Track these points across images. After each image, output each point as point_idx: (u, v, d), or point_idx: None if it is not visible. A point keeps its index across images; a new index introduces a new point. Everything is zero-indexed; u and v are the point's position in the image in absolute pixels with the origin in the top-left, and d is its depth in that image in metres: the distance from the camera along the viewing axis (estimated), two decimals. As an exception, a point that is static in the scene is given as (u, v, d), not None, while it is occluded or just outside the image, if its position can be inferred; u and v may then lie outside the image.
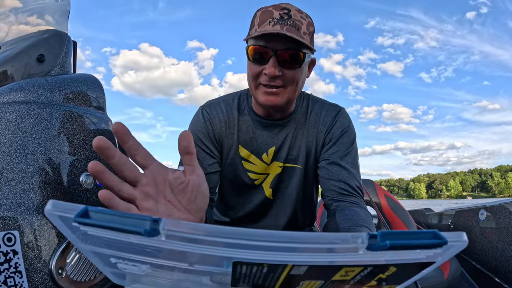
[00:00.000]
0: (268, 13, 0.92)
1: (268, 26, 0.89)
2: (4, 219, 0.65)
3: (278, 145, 1.07)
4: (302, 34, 0.90)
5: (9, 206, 0.66)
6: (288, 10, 0.92)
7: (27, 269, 0.66)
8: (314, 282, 0.32)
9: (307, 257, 0.26)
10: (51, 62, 0.88)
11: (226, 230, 0.24)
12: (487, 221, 1.93)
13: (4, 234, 0.64)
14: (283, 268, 0.28)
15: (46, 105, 0.76)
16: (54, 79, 0.83)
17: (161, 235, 0.25)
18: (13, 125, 0.71)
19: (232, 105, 1.10)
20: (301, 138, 1.08)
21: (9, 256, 0.64)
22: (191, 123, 1.11)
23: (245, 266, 0.28)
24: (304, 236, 0.24)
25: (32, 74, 0.84)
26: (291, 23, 0.90)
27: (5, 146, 0.69)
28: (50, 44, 0.89)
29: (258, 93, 0.96)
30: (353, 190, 0.98)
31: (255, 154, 1.08)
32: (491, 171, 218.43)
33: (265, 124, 1.07)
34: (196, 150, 1.06)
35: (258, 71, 0.94)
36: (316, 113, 1.09)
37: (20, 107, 0.73)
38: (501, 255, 1.79)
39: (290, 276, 0.31)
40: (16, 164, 0.69)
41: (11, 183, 0.68)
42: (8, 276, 0.64)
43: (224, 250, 0.26)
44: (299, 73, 0.95)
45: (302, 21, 0.92)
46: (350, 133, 1.07)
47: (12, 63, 0.84)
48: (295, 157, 1.09)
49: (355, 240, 0.25)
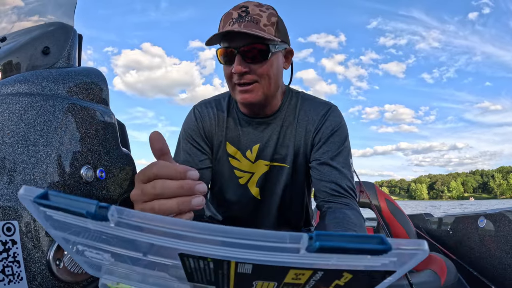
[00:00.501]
0: (228, 15, 0.94)
1: (228, 27, 0.91)
2: (4, 209, 0.66)
3: (262, 142, 1.07)
4: (262, 27, 0.90)
5: (10, 196, 0.67)
6: (246, 7, 0.93)
7: (25, 259, 0.67)
8: (267, 283, 0.32)
9: (249, 254, 0.26)
10: (56, 55, 0.88)
11: (172, 221, 0.25)
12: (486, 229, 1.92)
13: (3, 223, 0.65)
14: (228, 264, 0.29)
15: (49, 97, 0.77)
16: (58, 71, 0.83)
17: (110, 221, 0.26)
18: (16, 116, 0.72)
19: (222, 104, 1.12)
20: (289, 137, 1.07)
21: (8, 246, 0.65)
22: (184, 122, 1.14)
23: (192, 260, 0.29)
24: (245, 232, 0.25)
25: (37, 66, 0.85)
26: (249, 19, 0.91)
27: (8, 136, 0.70)
28: (55, 37, 0.90)
29: (236, 93, 0.98)
30: (345, 191, 0.97)
31: (241, 151, 1.09)
32: (492, 172, 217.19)
33: (249, 122, 1.07)
34: (188, 147, 1.06)
35: (229, 72, 0.95)
36: (306, 111, 1.08)
37: (24, 99, 0.73)
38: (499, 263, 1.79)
39: (240, 275, 0.31)
40: (17, 155, 0.70)
41: (12, 173, 0.68)
42: (6, 265, 0.65)
43: (170, 241, 0.26)
44: (268, 66, 0.94)
45: (262, 14, 0.93)
46: (341, 132, 1.04)
47: (17, 54, 0.84)
48: (283, 156, 1.08)
49: (295, 240, 0.25)
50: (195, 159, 1.06)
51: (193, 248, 0.27)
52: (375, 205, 2.49)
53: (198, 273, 0.32)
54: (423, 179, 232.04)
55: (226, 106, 1.11)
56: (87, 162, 0.81)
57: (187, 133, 1.10)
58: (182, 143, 1.09)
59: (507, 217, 1.76)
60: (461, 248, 2.16)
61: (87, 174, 0.79)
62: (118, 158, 0.91)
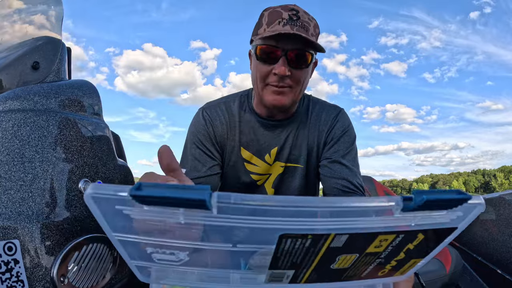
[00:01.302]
0: (276, 14, 0.92)
1: (278, 26, 0.90)
2: (4, 228, 0.65)
3: (280, 145, 1.07)
4: (310, 35, 0.91)
5: (9, 215, 0.66)
6: (296, 11, 0.93)
7: (29, 278, 0.66)
8: (349, 256, 0.33)
9: (348, 223, 0.28)
10: (46, 69, 0.87)
11: (274, 199, 0.25)
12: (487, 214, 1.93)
13: (4, 243, 0.64)
14: (325, 239, 0.29)
15: (42, 112, 0.76)
16: (49, 86, 0.82)
17: (213, 208, 0.25)
18: (10, 134, 0.71)
19: (232, 107, 1.10)
20: (302, 138, 1.08)
21: (11, 265, 0.64)
22: (192, 125, 1.10)
23: (290, 240, 0.29)
24: (344, 200, 0.26)
25: (27, 81, 0.84)
26: (300, 24, 0.91)
27: (2, 154, 0.69)
28: (44, 51, 0.89)
29: (266, 93, 0.97)
30: (355, 187, 0.99)
31: (258, 155, 1.08)
32: (494, 171, 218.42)
33: (267, 125, 1.07)
34: (197, 152, 1.04)
35: (266, 71, 0.94)
36: (317, 114, 1.11)
37: (17, 115, 0.73)
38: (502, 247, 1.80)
39: (329, 250, 0.31)
40: (14, 172, 0.69)
41: (10, 191, 0.67)
42: (11, 286, 0.64)
43: (273, 221, 0.26)
44: (305, 73, 0.96)
45: (310, 23, 0.93)
46: (351, 133, 1.08)
47: (6, 71, 0.83)
48: (297, 156, 1.09)
49: (390, 202, 0.27)
50: (205, 165, 1.03)
51: (296, 225, 0.27)
52: (375, 198, 2.49)
53: (286, 256, 0.32)
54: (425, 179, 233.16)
55: (238, 109, 1.09)
56: (84, 175, 0.80)
57: (196, 138, 1.06)
58: (190, 148, 1.06)
59: (506, 200, 1.77)
60: (464, 235, 2.17)
61: (85, 187, 0.78)
62: (115, 169, 0.90)
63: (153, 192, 0.24)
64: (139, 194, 0.24)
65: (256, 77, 0.97)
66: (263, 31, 0.93)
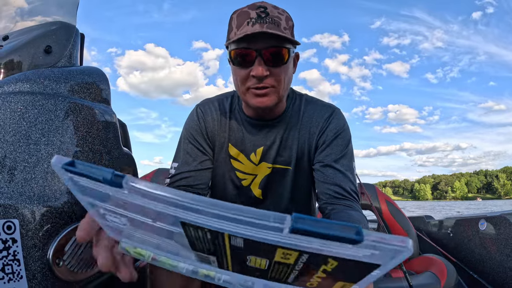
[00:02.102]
0: (244, 14, 0.90)
1: (248, 27, 0.87)
2: (5, 207, 0.66)
3: (267, 145, 1.06)
4: (282, 30, 0.88)
5: (10, 194, 0.67)
6: (264, 7, 0.90)
7: (25, 258, 0.67)
8: (259, 259, 0.35)
9: (240, 229, 0.29)
10: (58, 54, 0.88)
11: (174, 192, 0.29)
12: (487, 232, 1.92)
13: (4, 222, 0.65)
14: (223, 236, 0.31)
15: (51, 96, 0.77)
16: (60, 70, 0.83)
17: (124, 188, 0.30)
18: (17, 115, 0.72)
19: (225, 104, 1.10)
20: (292, 139, 1.06)
21: (8, 244, 0.65)
22: (186, 121, 1.11)
23: (192, 229, 0.32)
24: (236, 208, 0.27)
25: (39, 65, 0.85)
26: (270, 20, 0.87)
27: (9, 135, 0.70)
28: (57, 36, 0.90)
29: (248, 97, 0.95)
30: (348, 193, 0.96)
31: (244, 153, 1.08)
32: (496, 172, 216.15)
33: (254, 125, 1.06)
34: (189, 147, 1.05)
35: (245, 75, 0.91)
36: (309, 114, 1.07)
37: (25, 98, 0.74)
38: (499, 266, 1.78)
39: (234, 248, 0.33)
40: (19, 153, 0.70)
41: (13, 171, 0.68)
42: (6, 264, 0.65)
43: (172, 209, 0.30)
44: (285, 70, 0.93)
45: (280, 17, 0.90)
46: (345, 135, 1.04)
47: (19, 53, 0.84)
48: (286, 158, 1.07)
49: (279, 220, 0.27)
50: (195, 160, 1.04)
51: (192, 218, 0.30)
52: (375, 207, 2.48)
53: (199, 242, 0.35)
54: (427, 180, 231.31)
55: (229, 107, 1.09)
56: (88, 161, 0.81)
57: (188, 133, 1.07)
58: (183, 143, 1.07)
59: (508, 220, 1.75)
60: (462, 250, 2.15)
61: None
62: (119, 157, 0.91)
63: (76, 169, 0.31)
64: (66, 168, 0.32)
65: (237, 82, 0.95)
66: (234, 35, 0.90)
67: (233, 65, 0.94)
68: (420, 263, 2.04)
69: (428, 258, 2.03)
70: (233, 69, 0.95)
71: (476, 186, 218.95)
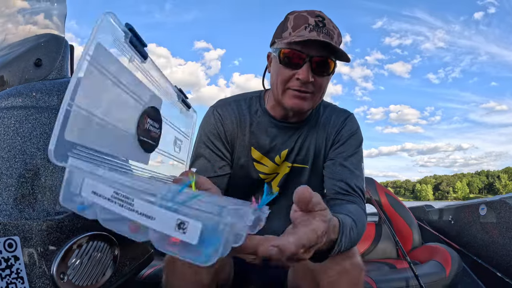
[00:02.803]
0: (303, 18, 0.92)
1: (305, 31, 0.89)
2: (5, 224, 0.65)
3: (290, 147, 1.08)
4: (334, 43, 0.91)
5: (10, 211, 0.66)
6: (322, 18, 0.92)
7: (29, 275, 0.66)
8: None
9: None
10: (49, 66, 0.87)
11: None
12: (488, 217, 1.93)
13: (5, 240, 0.64)
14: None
15: (44, 110, 0.76)
16: (51, 83, 0.82)
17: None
18: (11, 130, 0.71)
19: (243, 106, 1.10)
20: (310, 139, 1.09)
21: (11, 262, 0.64)
22: (202, 124, 1.10)
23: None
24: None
25: (30, 78, 0.84)
26: (325, 32, 0.90)
27: (4, 151, 0.69)
28: (47, 48, 0.89)
29: (286, 97, 0.97)
30: (353, 190, 0.97)
31: (268, 156, 1.08)
32: (498, 172, 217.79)
33: (280, 127, 1.07)
34: (207, 152, 1.04)
35: (289, 76, 0.94)
36: (327, 116, 1.12)
37: (18, 112, 0.73)
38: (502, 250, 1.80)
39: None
40: (15, 169, 0.69)
41: (11, 188, 0.67)
42: (10, 282, 0.64)
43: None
44: (327, 80, 0.97)
45: (334, 31, 0.94)
46: (357, 137, 1.09)
47: (9, 68, 0.83)
48: (303, 157, 1.09)
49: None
50: (215, 166, 1.03)
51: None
52: (375, 200, 2.49)
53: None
54: (428, 180, 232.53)
55: (248, 109, 1.09)
56: (86, 173, 0.80)
57: (206, 137, 1.06)
58: (201, 148, 1.05)
59: (508, 203, 1.77)
60: (464, 237, 2.17)
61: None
62: (116, 167, 0.90)
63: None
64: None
65: (276, 81, 0.97)
66: (288, 35, 0.92)
67: (279, 64, 0.95)
68: (424, 253, 2.05)
69: (431, 247, 2.04)
70: (277, 68, 0.97)
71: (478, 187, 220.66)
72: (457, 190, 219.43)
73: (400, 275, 1.68)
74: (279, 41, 0.95)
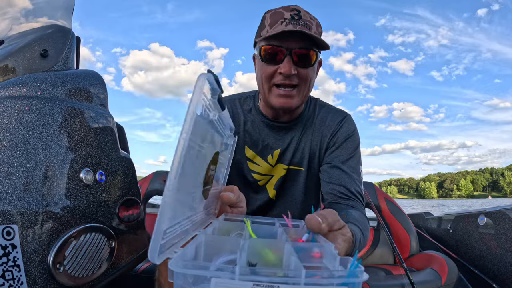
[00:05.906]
0: (278, 14, 0.93)
1: (281, 26, 0.90)
2: (4, 213, 0.65)
3: (283, 147, 1.07)
4: (313, 33, 0.91)
5: (9, 200, 0.66)
6: (298, 11, 0.93)
7: (26, 263, 0.66)
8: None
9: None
10: (54, 58, 0.88)
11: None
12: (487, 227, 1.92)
13: (3, 228, 0.64)
14: None
15: (48, 100, 0.76)
16: (56, 74, 0.83)
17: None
18: (14, 120, 0.71)
19: (237, 105, 1.11)
20: (305, 141, 1.08)
21: (8, 250, 0.65)
22: None
23: None
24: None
25: (35, 69, 0.84)
26: (302, 23, 0.91)
27: (6, 140, 0.69)
28: (53, 40, 0.89)
29: (271, 96, 0.97)
30: (352, 194, 0.98)
31: (261, 155, 1.08)
32: (502, 170, 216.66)
33: (272, 126, 1.07)
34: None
35: (271, 71, 0.94)
36: (322, 118, 1.10)
37: (22, 102, 0.73)
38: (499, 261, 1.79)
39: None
40: (17, 158, 0.69)
41: (12, 177, 0.68)
42: (7, 270, 0.64)
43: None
44: (311, 72, 0.96)
45: (312, 22, 0.94)
46: (354, 139, 1.07)
47: (15, 57, 0.84)
48: (299, 160, 1.09)
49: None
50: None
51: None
52: (374, 205, 2.49)
53: None
54: (432, 178, 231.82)
55: (243, 109, 1.10)
56: (86, 165, 0.80)
57: None
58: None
59: (507, 215, 1.76)
60: (462, 246, 2.16)
61: (86, 177, 0.79)
62: (117, 161, 0.91)
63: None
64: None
65: (261, 79, 0.97)
66: (266, 32, 0.93)
67: (260, 61, 0.96)
68: (421, 260, 2.04)
69: (428, 255, 2.04)
70: (260, 66, 0.97)
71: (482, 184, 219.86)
72: (461, 188, 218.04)
73: (396, 281, 1.68)
74: (259, 40, 0.95)
